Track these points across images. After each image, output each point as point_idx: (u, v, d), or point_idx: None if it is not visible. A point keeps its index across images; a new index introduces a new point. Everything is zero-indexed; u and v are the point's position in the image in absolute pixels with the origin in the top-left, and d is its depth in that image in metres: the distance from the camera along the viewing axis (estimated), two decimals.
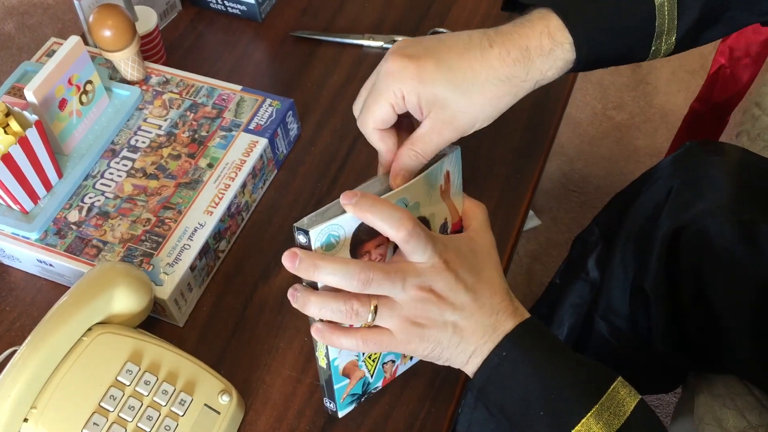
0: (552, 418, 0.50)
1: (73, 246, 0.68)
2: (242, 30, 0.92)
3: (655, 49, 0.57)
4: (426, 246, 0.50)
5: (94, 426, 0.55)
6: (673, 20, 0.55)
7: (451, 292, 0.51)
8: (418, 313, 0.51)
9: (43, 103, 0.69)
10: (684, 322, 0.73)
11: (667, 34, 0.56)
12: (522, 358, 0.51)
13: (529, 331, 0.52)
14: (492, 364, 0.51)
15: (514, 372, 0.51)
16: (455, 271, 0.51)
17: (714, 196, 0.69)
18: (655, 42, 0.56)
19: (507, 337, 0.51)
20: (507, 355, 0.51)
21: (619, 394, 0.50)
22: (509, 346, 0.51)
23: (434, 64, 0.52)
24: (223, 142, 0.75)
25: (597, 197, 1.56)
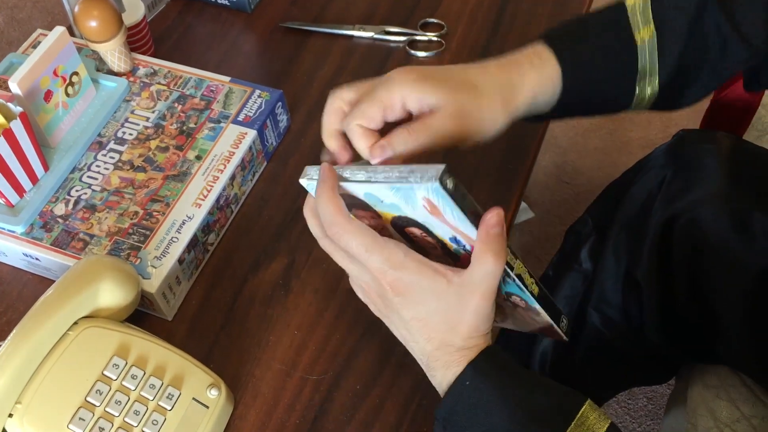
0: None
1: (60, 239, 0.67)
2: (231, 21, 0.91)
3: (639, 93, 0.60)
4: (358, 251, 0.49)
5: (80, 421, 0.54)
6: (654, 62, 0.59)
7: (384, 305, 0.52)
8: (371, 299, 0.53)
9: (27, 94, 0.68)
10: (677, 312, 0.72)
11: (650, 75, 0.60)
12: (486, 386, 0.49)
13: (492, 358, 0.50)
14: (456, 393, 0.50)
15: (479, 401, 0.49)
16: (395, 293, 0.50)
17: (707, 185, 0.68)
18: (638, 84, 0.60)
19: (470, 366, 0.49)
20: (470, 383, 0.49)
21: (588, 419, 0.48)
22: (472, 374, 0.49)
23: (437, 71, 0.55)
24: (211, 133, 0.74)
25: (590, 189, 1.56)
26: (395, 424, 0.61)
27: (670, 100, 0.63)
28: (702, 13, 0.59)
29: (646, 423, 1.28)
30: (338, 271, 0.69)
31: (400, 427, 0.61)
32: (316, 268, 0.70)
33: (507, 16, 0.92)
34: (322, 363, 0.64)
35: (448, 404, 0.50)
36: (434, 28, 0.91)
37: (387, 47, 0.89)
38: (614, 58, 0.59)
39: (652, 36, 0.59)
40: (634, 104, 0.62)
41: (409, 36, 0.89)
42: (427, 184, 0.46)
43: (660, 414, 1.29)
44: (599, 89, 0.60)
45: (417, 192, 0.47)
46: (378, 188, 0.49)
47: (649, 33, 0.59)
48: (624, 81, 0.60)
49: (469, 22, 0.91)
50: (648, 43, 0.59)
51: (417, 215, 0.50)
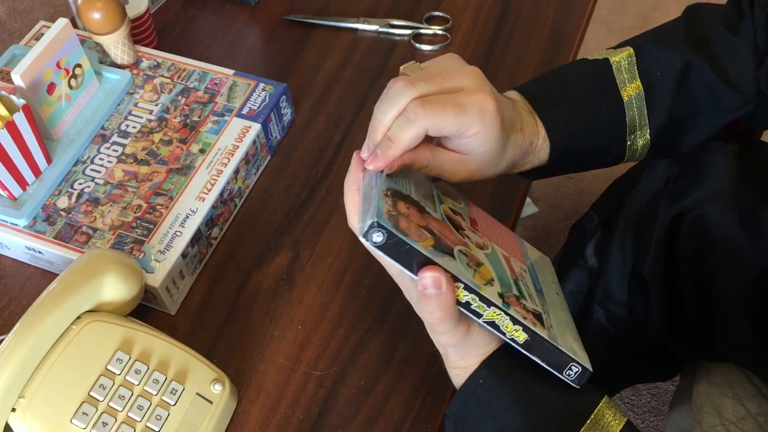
0: None
1: (63, 233, 0.67)
2: (235, 13, 0.91)
3: (631, 144, 0.61)
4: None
5: (83, 416, 0.54)
6: (644, 116, 0.60)
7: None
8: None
9: (30, 86, 0.67)
10: (683, 309, 0.72)
11: (640, 129, 0.60)
12: (499, 385, 0.49)
13: (505, 357, 0.49)
14: (468, 392, 0.49)
15: (491, 400, 0.48)
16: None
17: (714, 182, 0.68)
18: (629, 137, 0.60)
19: (483, 364, 0.49)
20: (483, 382, 0.49)
21: (605, 417, 0.48)
22: (485, 373, 0.49)
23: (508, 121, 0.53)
24: (215, 127, 0.73)
25: (595, 184, 1.55)
26: (400, 420, 0.61)
27: (667, 149, 0.63)
28: (689, 65, 0.60)
29: (650, 419, 1.28)
30: (343, 265, 0.70)
31: (404, 423, 0.61)
32: (320, 262, 0.70)
33: (512, 10, 0.91)
34: (326, 358, 0.64)
35: (460, 402, 0.50)
36: (439, 21, 0.90)
37: (392, 40, 0.88)
38: (601, 115, 0.59)
39: (639, 91, 0.59)
40: (628, 157, 0.62)
41: (413, 29, 0.88)
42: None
43: (663, 410, 1.29)
44: (589, 147, 0.60)
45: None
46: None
47: (636, 89, 0.59)
48: (614, 136, 0.60)
49: (474, 16, 0.90)
50: (635, 98, 0.59)
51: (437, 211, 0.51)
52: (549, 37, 0.88)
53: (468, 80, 0.50)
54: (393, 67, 0.85)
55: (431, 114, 0.47)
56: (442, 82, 0.49)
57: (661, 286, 0.72)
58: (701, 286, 0.69)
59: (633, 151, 0.62)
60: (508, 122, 0.52)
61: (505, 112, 0.52)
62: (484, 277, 0.47)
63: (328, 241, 0.71)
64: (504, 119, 0.51)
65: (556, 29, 0.89)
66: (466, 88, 0.49)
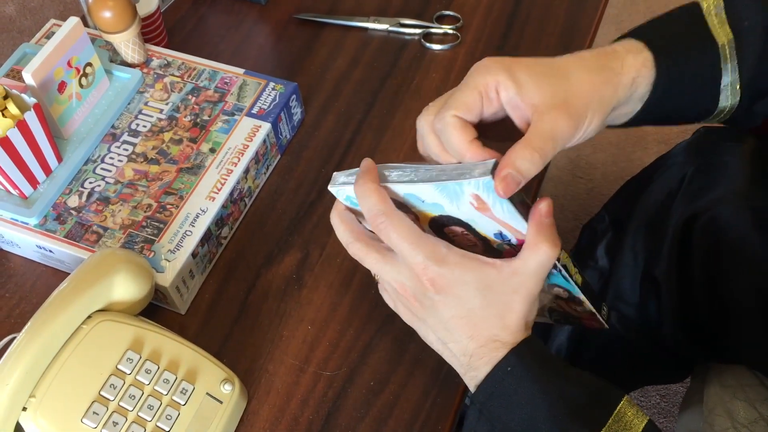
0: None
1: (73, 232, 0.67)
2: (245, 12, 0.91)
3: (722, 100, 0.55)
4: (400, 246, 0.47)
5: (94, 415, 0.54)
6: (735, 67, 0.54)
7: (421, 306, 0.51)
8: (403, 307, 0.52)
9: (41, 85, 0.67)
10: (695, 310, 0.71)
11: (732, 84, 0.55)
12: (527, 375, 0.48)
13: (534, 348, 0.49)
14: (496, 379, 0.49)
15: (518, 389, 0.48)
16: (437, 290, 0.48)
17: (728, 183, 0.67)
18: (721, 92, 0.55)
19: (512, 352, 0.48)
20: (512, 370, 0.48)
21: (626, 416, 0.48)
22: (514, 361, 0.48)
23: (528, 59, 0.49)
24: (225, 126, 0.73)
25: (604, 184, 1.55)
26: (410, 421, 0.61)
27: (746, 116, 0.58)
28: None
29: (659, 420, 1.28)
30: (352, 265, 0.69)
31: (414, 424, 0.60)
32: (329, 262, 0.70)
33: (523, 9, 0.90)
34: (335, 358, 0.64)
35: (486, 389, 0.49)
36: (449, 20, 0.90)
37: (402, 40, 0.88)
38: (698, 57, 0.54)
39: (730, 39, 0.54)
40: (717, 113, 0.57)
41: (424, 28, 0.88)
42: (479, 180, 0.45)
43: (673, 412, 1.28)
44: (688, 90, 0.54)
45: (465, 188, 0.46)
46: (421, 188, 0.48)
47: (726, 35, 0.54)
48: (708, 85, 0.55)
49: (485, 15, 0.90)
50: (727, 44, 0.54)
51: (461, 213, 0.49)
52: (560, 37, 0.88)
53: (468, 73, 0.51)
54: (403, 66, 0.85)
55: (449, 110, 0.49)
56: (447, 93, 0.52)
57: (673, 288, 0.71)
58: (714, 287, 0.68)
59: (720, 111, 0.56)
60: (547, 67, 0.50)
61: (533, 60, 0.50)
62: None
63: (337, 241, 0.70)
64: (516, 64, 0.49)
65: (567, 28, 0.88)
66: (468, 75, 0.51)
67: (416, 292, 0.50)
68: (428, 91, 0.82)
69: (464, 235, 0.51)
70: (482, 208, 0.47)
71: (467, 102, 0.48)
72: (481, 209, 0.47)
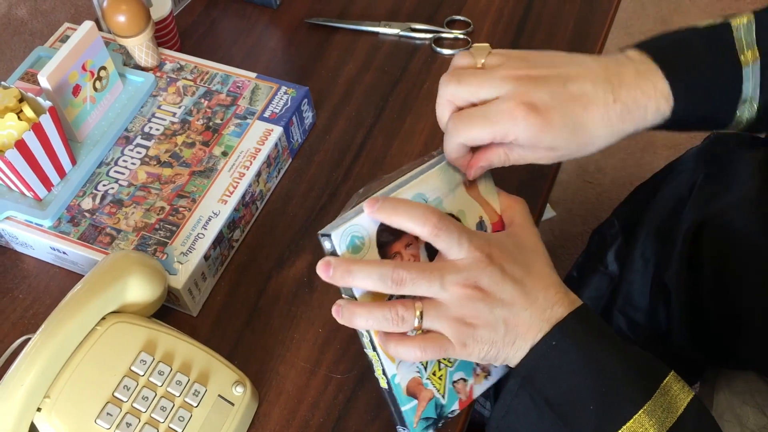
0: (602, 413, 0.47)
1: (87, 234, 0.67)
2: (257, 16, 0.91)
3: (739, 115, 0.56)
4: (461, 239, 0.48)
5: (107, 416, 0.54)
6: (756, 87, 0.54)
7: (497, 286, 0.49)
8: (466, 312, 0.49)
9: (56, 89, 0.68)
10: (705, 316, 0.71)
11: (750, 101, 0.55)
12: (572, 348, 0.49)
13: (581, 320, 0.50)
14: (540, 353, 0.49)
15: (562, 363, 0.49)
16: (500, 264, 0.49)
17: (738, 190, 0.67)
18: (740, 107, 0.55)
19: (557, 327, 0.49)
20: (556, 344, 0.49)
21: (672, 389, 0.48)
22: (559, 336, 0.49)
23: (560, 120, 0.51)
24: (237, 130, 0.74)
25: (613, 189, 1.55)
26: None
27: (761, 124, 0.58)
28: None
29: None
30: None
31: None
32: None
33: (533, 14, 0.91)
34: (346, 362, 0.64)
35: (530, 363, 0.50)
36: (460, 25, 0.90)
37: (412, 44, 0.88)
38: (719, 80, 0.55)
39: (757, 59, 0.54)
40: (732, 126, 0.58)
41: (434, 33, 0.88)
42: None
43: None
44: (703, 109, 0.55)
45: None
46: (428, 180, 0.53)
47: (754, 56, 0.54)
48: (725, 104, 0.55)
49: (495, 20, 0.90)
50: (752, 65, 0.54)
51: (455, 201, 0.54)
52: (570, 42, 0.88)
53: (504, 87, 0.51)
54: (413, 70, 0.85)
55: (460, 130, 0.52)
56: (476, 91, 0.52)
57: (683, 294, 0.71)
58: (724, 294, 0.68)
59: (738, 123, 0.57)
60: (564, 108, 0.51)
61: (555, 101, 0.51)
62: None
63: None
64: (549, 114, 0.50)
65: (577, 33, 0.89)
66: (500, 97, 0.51)
67: (487, 278, 0.49)
68: None
69: (410, 254, 0.53)
70: (472, 187, 0.56)
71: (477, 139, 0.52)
72: (470, 189, 0.55)
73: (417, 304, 0.48)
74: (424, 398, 0.54)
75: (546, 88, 0.51)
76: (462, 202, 0.55)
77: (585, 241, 0.91)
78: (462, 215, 0.55)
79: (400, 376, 0.52)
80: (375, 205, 0.48)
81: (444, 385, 0.54)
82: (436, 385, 0.54)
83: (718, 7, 1.93)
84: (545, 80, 0.51)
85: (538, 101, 0.50)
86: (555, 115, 0.50)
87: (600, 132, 0.52)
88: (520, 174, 0.75)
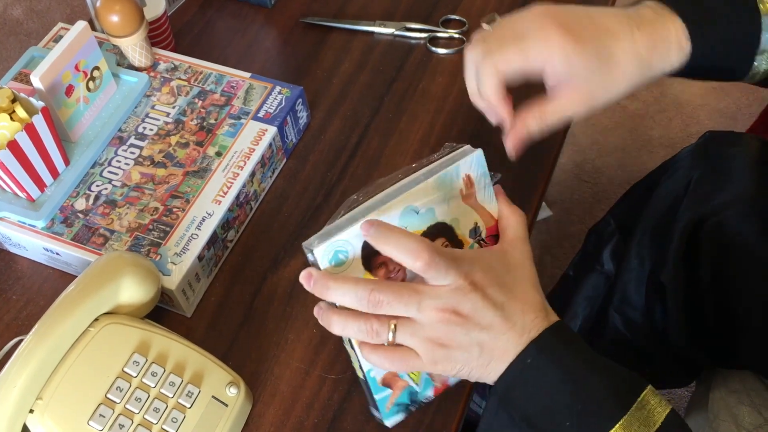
0: (579, 429, 0.48)
1: (80, 235, 0.67)
2: (251, 16, 0.91)
3: (757, 65, 0.56)
4: (447, 271, 0.48)
5: (100, 418, 0.54)
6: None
7: (477, 312, 0.49)
8: (440, 334, 0.49)
9: (49, 89, 0.68)
10: (701, 315, 0.71)
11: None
12: (547, 365, 0.49)
13: (556, 337, 0.50)
14: (515, 371, 0.49)
15: (538, 380, 0.49)
16: (483, 290, 0.49)
17: (734, 188, 0.67)
18: (758, 57, 0.56)
19: (532, 344, 0.49)
20: (531, 362, 0.49)
21: (650, 403, 0.48)
22: (534, 353, 0.49)
23: (591, 43, 0.52)
24: (231, 130, 0.73)
25: (610, 188, 1.55)
26: (414, 425, 0.61)
27: None
28: None
29: None
30: None
31: (419, 429, 0.60)
32: None
33: None
34: (341, 362, 0.64)
35: (506, 381, 0.49)
36: (455, 24, 0.90)
37: (408, 44, 0.88)
38: (738, 28, 0.55)
39: None
40: (748, 78, 0.58)
41: (430, 33, 0.88)
42: (471, 155, 0.53)
43: None
44: (720, 57, 0.56)
45: (461, 170, 0.53)
46: (422, 191, 0.52)
47: None
48: (744, 53, 0.55)
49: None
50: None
51: (449, 211, 0.53)
52: None
53: (535, 20, 0.53)
54: (409, 70, 0.85)
55: (494, 58, 0.53)
56: (510, 27, 0.54)
57: (679, 292, 0.71)
58: (720, 292, 0.68)
59: (754, 74, 0.57)
60: (593, 34, 0.53)
61: (583, 26, 0.53)
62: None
63: None
64: (581, 33, 0.52)
65: None
66: (529, 28, 0.53)
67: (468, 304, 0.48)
68: (434, 95, 0.83)
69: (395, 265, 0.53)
70: (468, 195, 0.54)
71: (512, 66, 0.53)
72: (466, 198, 0.54)
73: (392, 321, 0.49)
74: (399, 387, 0.55)
75: (574, 16, 0.53)
76: (457, 210, 0.54)
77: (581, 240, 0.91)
78: (455, 223, 0.54)
79: (376, 370, 0.53)
80: (369, 230, 0.48)
81: (419, 374, 0.55)
82: (411, 376, 0.55)
83: None
84: (573, 11, 0.53)
85: (570, 21, 0.52)
86: (586, 34, 0.52)
87: (629, 65, 0.53)
88: (516, 172, 0.75)
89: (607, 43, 0.52)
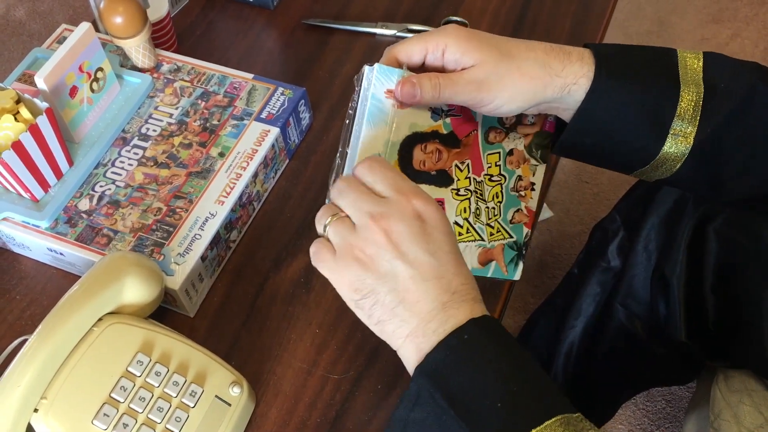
0: (509, 414, 0.44)
1: (84, 235, 0.67)
2: (254, 17, 0.91)
3: (668, 147, 0.55)
4: (385, 177, 0.49)
5: (104, 417, 0.54)
6: (696, 118, 0.54)
7: (408, 240, 0.46)
8: (363, 245, 0.47)
9: (53, 90, 0.68)
10: (704, 311, 0.72)
11: (684, 133, 0.54)
12: (486, 344, 0.46)
13: (494, 323, 0.47)
14: (449, 346, 0.45)
15: (474, 358, 0.45)
16: (423, 223, 0.47)
17: None
18: (672, 129, 0.55)
19: (472, 321, 0.46)
20: (468, 339, 0.46)
21: (584, 422, 0.45)
22: (474, 330, 0.46)
23: (487, 36, 0.56)
24: (234, 131, 0.74)
25: (610, 189, 1.55)
26: None
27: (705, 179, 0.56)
28: (754, 90, 0.54)
29: (665, 425, 1.28)
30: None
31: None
32: None
33: (530, 15, 0.91)
34: (343, 362, 0.64)
35: (437, 357, 0.46)
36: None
37: None
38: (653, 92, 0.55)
39: (699, 94, 0.54)
40: (659, 158, 0.55)
41: None
42: (372, 74, 0.56)
43: (679, 417, 1.28)
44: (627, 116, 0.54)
45: (377, 92, 0.56)
46: (368, 138, 0.56)
47: (697, 90, 0.54)
48: (656, 125, 0.54)
49: (492, 20, 0.90)
50: (694, 95, 0.54)
51: (403, 125, 0.58)
52: (567, 42, 0.87)
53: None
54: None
55: (398, 47, 0.57)
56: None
57: (683, 289, 0.71)
58: (724, 290, 0.68)
59: (664, 158, 0.55)
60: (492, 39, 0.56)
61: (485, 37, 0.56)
62: None
63: None
64: (479, 35, 0.56)
65: (574, 34, 0.89)
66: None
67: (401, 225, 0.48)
68: None
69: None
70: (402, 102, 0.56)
71: (412, 49, 0.56)
72: (403, 105, 0.57)
73: (333, 216, 0.50)
74: (498, 252, 0.64)
75: (478, 32, 0.57)
76: (408, 118, 0.58)
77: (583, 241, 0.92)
78: (415, 126, 0.58)
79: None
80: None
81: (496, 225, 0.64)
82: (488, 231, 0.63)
83: (715, 8, 1.93)
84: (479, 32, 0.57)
85: (472, 32, 0.56)
86: (483, 36, 0.56)
87: (527, 61, 0.55)
88: None
89: (502, 40, 0.56)
